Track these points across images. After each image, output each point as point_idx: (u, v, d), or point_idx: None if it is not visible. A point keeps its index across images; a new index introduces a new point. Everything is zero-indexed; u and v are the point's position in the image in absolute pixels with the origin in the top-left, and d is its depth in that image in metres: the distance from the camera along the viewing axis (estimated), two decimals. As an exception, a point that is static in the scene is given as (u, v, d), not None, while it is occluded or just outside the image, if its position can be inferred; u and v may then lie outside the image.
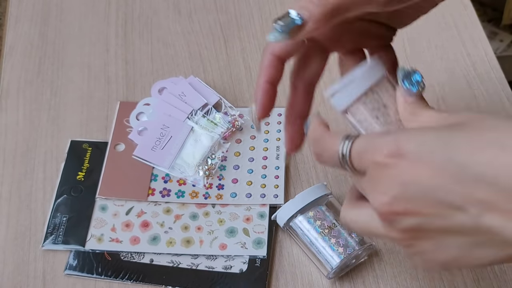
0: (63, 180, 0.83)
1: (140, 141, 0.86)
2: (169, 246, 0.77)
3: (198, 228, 0.79)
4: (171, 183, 0.83)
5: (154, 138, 0.85)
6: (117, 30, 1.00)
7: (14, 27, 1.01)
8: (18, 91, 0.93)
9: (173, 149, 0.84)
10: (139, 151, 0.85)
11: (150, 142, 0.85)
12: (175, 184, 0.82)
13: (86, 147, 0.86)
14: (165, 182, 0.83)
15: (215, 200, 0.81)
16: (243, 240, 0.77)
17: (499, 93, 0.91)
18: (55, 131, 0.89)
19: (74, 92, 0.93)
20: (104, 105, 0.91)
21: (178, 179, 0.83)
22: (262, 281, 0.75)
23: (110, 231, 0.79)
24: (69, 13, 1.03)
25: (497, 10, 1.95)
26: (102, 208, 0.80)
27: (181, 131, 0.86)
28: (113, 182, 0.83)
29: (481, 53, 0.96)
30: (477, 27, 0.99)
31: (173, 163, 0.84)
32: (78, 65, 0.96)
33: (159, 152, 0.84)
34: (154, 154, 0.84)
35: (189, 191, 0.82)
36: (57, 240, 0.78)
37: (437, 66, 0.95)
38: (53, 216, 0.80)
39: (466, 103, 0.90)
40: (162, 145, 0.85)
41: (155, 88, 0.91)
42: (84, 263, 0.76)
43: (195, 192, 0.82)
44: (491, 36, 1.90)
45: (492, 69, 0.94)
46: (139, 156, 0.84)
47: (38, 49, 0.98)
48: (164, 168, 0.83)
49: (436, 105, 0.89)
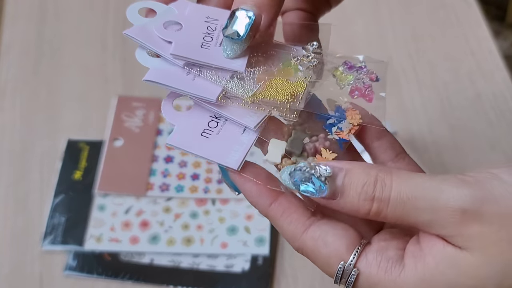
0: (61, 179, 0.82)
1: (176, 39, 0.48)
2: (170, 245, 0.76)
3: (198, 227, 0.77)
4: (170, 178, 0.81)
5: (199, 33, 0.49)
6: (114, 29, 0.99)
7: (11, 26, 1.00)
8: (15, 90, 0.92)
9: None
10: (177, 48, 0.47)
11: (193, 38, 0.48)
12: (174, 178, 0.81)
13: (83, 146, 0.85)
14: (164, 176, 0.82)
15: (215, 194, 0.80)
16: (245, 238, 0.76)
17: (504, 92, 0.90)
18: (52, 130, 0.88)
19: (71, 91, 0.92)
20: (101, 104, 0.90)
21: (178, 173, 0.82)
22: (265, 280, 0.73)
23: (109, 231, 0.77)
24: (66, 11, 1.02)
25: (501, 8, 1.94)
26: (101, 208, 0.79)
27: None
28: (112, 176, 0.82)
29: (485, 51, 0.95)
30: (481, 25, 0.98)
31: None
32: (75, 64, 0.95)
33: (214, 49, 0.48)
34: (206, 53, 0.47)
35: (189, 185, 0.81)
36: (56, 241, 0.77)
37: (440, 64, 0.94)
38: (52, 216, 0.79)
39: (470, 102, 0.89)
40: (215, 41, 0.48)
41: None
42: (84, 263, 0.75)
43: (194, 186, 0.81)
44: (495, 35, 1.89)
45: (496, 68, 0.93)
46: (180, 54, 0.47)
47: (35, 48, 0.97)
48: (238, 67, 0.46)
49: (440, 104, 0.88)
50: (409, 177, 0.40)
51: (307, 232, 0.42)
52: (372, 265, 0.41)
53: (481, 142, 0.85)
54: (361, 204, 0.40)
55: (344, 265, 0.41)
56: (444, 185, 0.39)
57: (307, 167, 0.41)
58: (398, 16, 0.99)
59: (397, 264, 0.41)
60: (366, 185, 0.40)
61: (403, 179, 0.40)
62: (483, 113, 0.88)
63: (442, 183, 0.39)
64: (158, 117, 0.87)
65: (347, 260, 0.42)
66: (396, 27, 0.98)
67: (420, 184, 0.40)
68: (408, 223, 0.40)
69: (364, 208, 0.40)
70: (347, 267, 0.41)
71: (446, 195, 0.39)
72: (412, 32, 0.97)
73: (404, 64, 0.93)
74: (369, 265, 0.41)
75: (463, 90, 0.91)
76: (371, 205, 0.40)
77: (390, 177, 0.40)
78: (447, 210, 0.39)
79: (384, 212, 0.40)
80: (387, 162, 0.47)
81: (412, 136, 0.85)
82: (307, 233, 0.42)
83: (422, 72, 0.92)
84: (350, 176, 0.41)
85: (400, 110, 0.88)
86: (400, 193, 0.40)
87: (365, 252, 0.42)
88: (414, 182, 0.40)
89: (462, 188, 0.39)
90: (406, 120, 0.87)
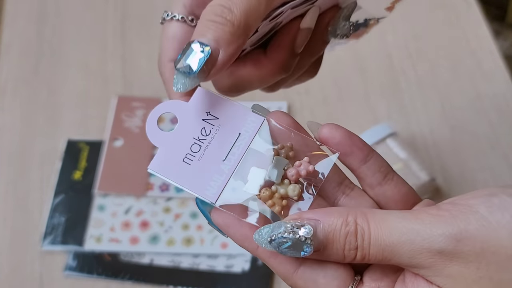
0: (61, 179, 0.82)
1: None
2: (169, 245, 0.76)
3: (198, 227, 0.77)
4: (170, 179, 0.81)
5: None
6: (114, 28, 0.99)
7: (11, 25, 0.99)
8: (15, 90, 0.92)
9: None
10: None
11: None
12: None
13: (83, 146, 0.85)
14: (164, 177, 0.81)
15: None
16: (245, 238, 0.76)
17: (504, 92, 0.90)
18: (52, 130, 0.87)
19: (71, 91, 0.92)
20: (101, 104, 0.90)
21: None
22: (265, 280, 0.73)
23: (109, 231, 0.77)
24: (66, 11, 1.02)
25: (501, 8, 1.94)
26: (101, 208, 0.79)
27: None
28: (112, 177, 0.82)
29: (485, 51, 0.95)
30: (481, 25, 0.98)
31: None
32: (75, 63, 0.95)
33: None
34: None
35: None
36: (55, 241, 0.77)
37: (441, 64, 0.94)
38: (52, 216, 0.79)
39: (470, 102, 0.89)
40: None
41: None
42: (84, 263, 0.75)
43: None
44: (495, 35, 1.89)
45: (497, 68, 0.93)
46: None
47: (35, 47, 0.97)
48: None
49: (440, 104, 0.88)
50: (383, 220, 0.39)
51: (297, 272, 0.41)
52: None
53: (481, 142, 0.85)
54: (346, 254, 0.40)
55: None
56: (418, 226, 0.38)
57: (286, 233, 0.39)
58: (398, 16, 0.99)
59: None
60: (348, 235, 0.39)
61: (379, 225, 0.39)
62: (483, 113, 0.88)
63: (416, 224, 0.38)
64: (158, 117, 0.86)
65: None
66: (396, 27, 0.98)
67: (395, 227, 0.39)
68: (391, 264, 0.40)
69: (350, 257, 0.40)
70: None
71: (421, 237, 0.38)
72: (412, 32, 0.97)
73: (404, 64, 0.93)
74: None
75: (463, 90, 0.90)
76: (355, 254, 0.40)
77: (367, 223, 0.39)
78: (424, 252, 0.38)
79: (367, 258, 0.40)
80: (375, 186, 0.45)
81: (412, 136, 0.85)
82: (297, 274, 0.41)
83: (422, 72, 0.92)
84: (331, 229, 0.40)
85: (400, 110, 0.88)
86: (378, 240, 0.39)
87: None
88: (389, 226, 0.39)
89: (436, 227, 0.38)
90: (406, 120, 0.87)
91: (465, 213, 0.38)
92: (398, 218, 0.39)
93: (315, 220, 0.40)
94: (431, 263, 0.38)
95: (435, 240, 0.38)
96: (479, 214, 0.38)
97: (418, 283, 0.40)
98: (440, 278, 0.38)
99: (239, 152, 0.43)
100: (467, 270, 0.37)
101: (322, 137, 0.44)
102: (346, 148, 0.44)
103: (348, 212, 0.40)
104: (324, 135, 0.43)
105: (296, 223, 0.39)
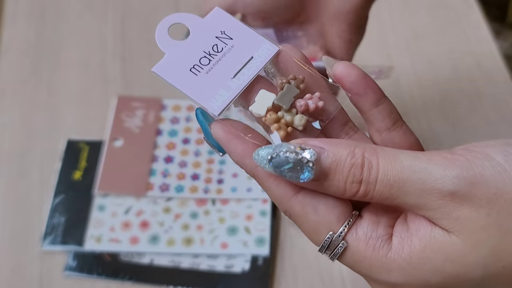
0: (61, 179, 0.82)
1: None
2: (169, 245, 0.76)
3: (198, 227, 0.77)
4: (170, 178, 0.81)
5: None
6: (114, 28, 0.99)
7: (10, 25, 0.99)
8: (14, 90, 0.92)
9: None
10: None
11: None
12: (174, 178, 0.81)
13: (83, 146, 0.85)
14: (164, 176, 0.81)
15: (215, 194, 0.80)
16: (245, 238, 0.76)
17: (503, 92, 0.90)
18: (51, 130, 0.87)
19: (71, 91, 0.92)
20: (101, 103, 0.90)
21: (178, 173, 0.82)
22: (265, 280, 0.73)
23: (109, 231, 0.77)
24: (66, 10, 1.02)
25: (502, 8, 1.94)
26: (101, 208, 0.79)
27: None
28: (112, 177, 0.82)
29: (486, 51, 0.95)
30: (481, 25, 0.98)
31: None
32: (75, 63, 0.95)
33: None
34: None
35: (189, 185, 0.81)
36: (55, 241, 0.77)
37: (441, 64, 0.94)
38: (51, 216, 0.79)
39: (470, 102, 0.89)
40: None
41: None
42: (84, 263, 0.75)
43: (194, 186, 0.81)
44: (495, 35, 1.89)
45: (496, 68, 0.93)
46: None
47: (35, 47, 0.97)
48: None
49: (439, 104, 0.88)
50: (395, 158, 0.39)
51: (296, 196, 0.41)
52: (361, 240, 0.40)
53: (481, 142, 0.85)
54: (348, 187, 0.39)
55: (333, 236, 0.40)
56: (431, 166, 0.38)
57: (288, 152, 0.38)
58: (398, 16, 0.99)
59: (386, 244, 0.40)
60: (353, 167, 0.38)
61: (389, 160, 0.38)
62: (483, 113, 0.88)
63: (429, 164, 0.38)
64: (158, 117, 0.87)
65: (337, 230, 0.40)
66: (396, 26, 0.98)
67: (407, 165, 0.38)
68: (395, 204, 0.39)
69: (351, 191, 0.39)
70: (336, 238, 0.40)
71: (433, 177, 0.37)
72: (412, 32, 0.97)
73: (404, 64, 0.93)
74: (358, 240, 0.40)
75: (463, 90, 0.90)
76: (358, 188, 0.39)
77: (376, 158, 0.39)
78: (435, 192, 0.37)
79: (370, 194, 0.39)
80: (383, 131, 0.44)
81: (412, 136, 0.85)
82: (296, 198, 0.41)
83: (422, 72, 0.92)
84: (335, 158, 0.39)
85: (400, 110, 0.88)
86: (387, 175, 0.38)
87: (355, 226, 0.40)
88: (400, 163, 0.38)
89: (450, 169, 0.37)
90: (406, 120, 0.86)
91: (480, 159, 0.38)
92: (410, 157, 0.39)
93: (320, 147, 0.39)
94: (440, 204, 0.37)
95: (449, 182, 0.37)
96: (496, 161, 0.37)
97: (420, 222, 0.39)
98: (447, 221, 0.38)
99: (249, 73, 0.43)
100: (477, 214, 0.37)
101: (337, 74, 0.43)
102: (360, 89, 0.43)
103: (356, 145, 0.39)
104: (339, 72, 0.43)
105: (301, 146, 0.39)
